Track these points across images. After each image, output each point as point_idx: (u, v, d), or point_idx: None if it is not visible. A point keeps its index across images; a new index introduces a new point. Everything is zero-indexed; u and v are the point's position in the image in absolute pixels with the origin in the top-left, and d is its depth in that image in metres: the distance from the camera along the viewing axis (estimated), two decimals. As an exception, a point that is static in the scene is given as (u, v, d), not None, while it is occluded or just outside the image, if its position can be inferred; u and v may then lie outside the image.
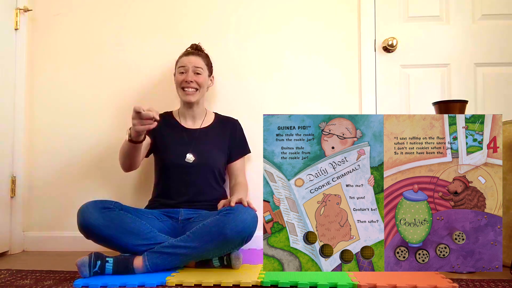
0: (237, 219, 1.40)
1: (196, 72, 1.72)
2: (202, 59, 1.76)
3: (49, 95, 2.01)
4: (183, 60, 1.74)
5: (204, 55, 1.80)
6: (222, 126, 1.82)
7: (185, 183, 1.69)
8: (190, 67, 1.71)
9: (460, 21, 1.98)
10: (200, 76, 1.73)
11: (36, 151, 2.00)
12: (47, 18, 2.03)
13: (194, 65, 1.72)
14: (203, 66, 1.75)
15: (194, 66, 1.72)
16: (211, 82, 1.83)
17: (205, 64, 1.76)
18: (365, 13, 1.97)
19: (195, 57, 1.74)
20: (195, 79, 1.71)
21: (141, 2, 2.02)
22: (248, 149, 1.86)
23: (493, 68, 1.97)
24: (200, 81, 1.72)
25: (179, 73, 1.74)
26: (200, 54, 1.78)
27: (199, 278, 1.33)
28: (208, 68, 1.78)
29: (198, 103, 1.77)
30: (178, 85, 1.73)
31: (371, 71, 1.96)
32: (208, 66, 1.78)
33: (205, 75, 1.75)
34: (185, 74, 1.72)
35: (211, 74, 1.81)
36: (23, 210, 1.97)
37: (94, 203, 1.45)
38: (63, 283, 1.34)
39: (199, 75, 1.72)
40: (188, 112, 1.78)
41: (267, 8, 2.00)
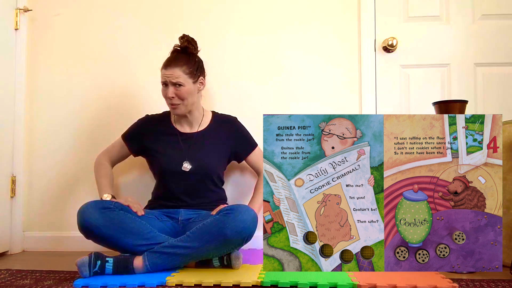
0: (237, 219, 1.40)
1: (178, 84, 1.60)
2: (180, 68, 1.60)
3: (49, 94, 2.01)
4: (162, 74, 1.63)
5: (184, 60, 1.63)
6: (220, 127, 1.77)
7: (183, 189, 1.68)
8: (169, 82, 1.61)
9: (460, 21, 1.98)
10: (182, 88, 1.61)
11: (36, 151, 2.00)
12: (47, 18, 2.03)
13: (171, 80, 1.60)
14: (182, 77, 1.60)
15: (171, 81, 1.60)
16: (202, 85, 1.70)
17: (185, 74, 1.61)
18: (365, 13, 1.97)
19: (172, 69, 1.60)
20: (176, 93, 1.61)
21: (141, 2, 2.02)
22: (255, 143, 1.82)
23: (493, 68, 1.97)
24: (181, 94, 1.61)
25: (162, 85, 1.66)
26: (178, 62, 1.62)
27: (199, 278, 1.33)
28: (191, 74, 1.63)
29: (191, 110, 1.70)
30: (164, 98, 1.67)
31: (371, 71, 1.96)
32: (190, 73, 1.63)
33: (187, 85, 1.62)
34: (166, 88, 1.63)
35: (198, 78, 1.67)
36: (23, 210, 1.97)
37: (94, 203, 1.45)
38: (63, 283, 1.34)
39: (180, 86, 1.60)
40: (183, 120, 1.74)
41: (267, 8, 2.00)
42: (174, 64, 1.61)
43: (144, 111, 1.86)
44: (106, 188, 1.65)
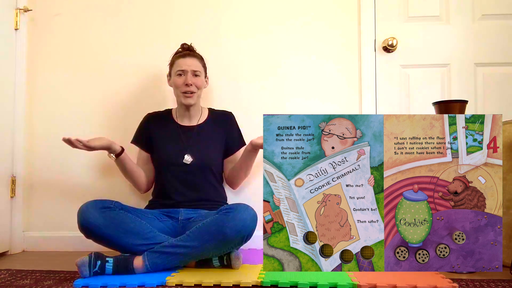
0: (237, 218, 1.40)
1: (195, 75, 1.71)
2: (199, 61, 1.75)
3: (49, 94, 2.01)
4: (180, 63, 1.72)
5: (200, 56, 1.78)
6: (217, 120, 1.82)
7: (184, 182, 1.69)
8: (189, 70, 1.70)
9: (460, 21, 1.98)
10: (199, 79, 1.72)
11: (36, 151, 2.00)
12: (47, 18, 2.03)
13: (192, 68, 1.70)
14: (200, 68, 1.74)
15: (192, 69, 1.70)
16: (207, 83, 1.82)
17: (201, 66, 1.75)
18: (365, 13, 1.97)
19: (191, 59, 1.73)
20: (194, 82, 1.70)
21: (140, 2, 2.02)
22: (244, 141, 1.85)
23: (493, 68, 1.97)
24: (198, 83, 1.72)
25: (177, 75, 1.71)
26: (196, 55, 1.76)
27: (199, 278, 1.33)
28: (204, 69, 1.78)
29: (196, 103, 1.77)
30: (177, 88, 1.72)
31: (371, 71, 1.96)
32: (204, 68, 1.78)
33: (202, 77, 1.75)
34: (184, 76, 1.70)
35: (206, 75, 1.81)
36: (23, 210, 1.97)
37: (94, 203, 1.45)
38: (63, 283, 1.34)
39: (197, 77, 1.72)
40: (186, 113, 1.78)
41: (267, 7, 2.00)
42: (193, 56, 1.75)
43: (145, 110, 1.86)
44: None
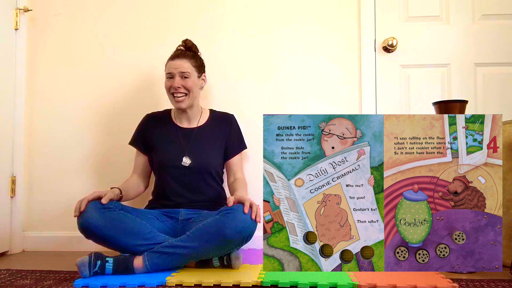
0: (237, 218, 1.40)
1: (183, 76, 1.66)
2: (189, 60, 1.68)
3: (49, 94, 2.01)
4: (169, 65, 1.68)
5: (191, 55, 1.71)
6: (218, 123, 1.80)
7: (183, 184, 1.68)
8: (176, 73, 1.65)
9: (460, 21, 1.98)
10: (188, 80, 1.66)
11: (36, 151, 2.00)
12: (47, 18, 2.03)
13: (179, 70, 1.65)
14: (190, 68, 1.67)
15: (180, 71, 1.65)
16: (204, 81, 1.77)
17: (192, 66, 1.68)
18: (365, 13, 1.97)
19: (180, 60, 1.67)
20: (182, 84, 1.65)
21: (141, 2, 2.02)
22: (244, 145, 1.84)
23: (493, 68, 1.97)
24: (188, 85, 1.66)
25: (166, 78, 1.69)
26: (187, 55, 1.69)
27: (199, 278, 1.33)
28: (197, 68, 1.70)
29: (192, 106, 1.73)
30: (167, 91, 1.70)
31: (371, 71, 1.96)
32: (196, 67, 1.70)
33: (193, 78, 1.68)
34: (172, 79, 1.67)
35: (201, 74, 1.74)
36: (23, 210, 1.97)
37: (94, 203, 1.45)
38: (63, 283, 1.34)
39: (186, 78, 1.66)
40: (183, 116, 1.76)
41: (267, 8, 2.00)
42: (182, 56, 1.69)
43: (145, 110, 1.85)
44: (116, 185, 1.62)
